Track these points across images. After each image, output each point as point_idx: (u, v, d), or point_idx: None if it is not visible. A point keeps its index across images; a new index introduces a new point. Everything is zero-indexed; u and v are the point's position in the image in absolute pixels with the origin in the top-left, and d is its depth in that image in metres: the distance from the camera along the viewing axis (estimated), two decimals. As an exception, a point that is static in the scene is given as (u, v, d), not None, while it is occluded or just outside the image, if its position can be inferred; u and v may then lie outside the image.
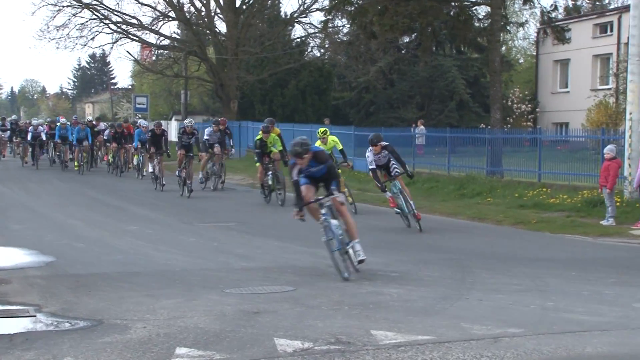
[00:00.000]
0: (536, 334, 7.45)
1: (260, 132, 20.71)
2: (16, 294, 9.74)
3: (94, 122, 34.79)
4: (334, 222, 10.41)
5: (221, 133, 24.42)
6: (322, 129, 19.41)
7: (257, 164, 20.90)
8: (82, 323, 8.08)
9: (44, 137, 33.33)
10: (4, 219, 17.28)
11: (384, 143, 15.63)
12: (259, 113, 43.23)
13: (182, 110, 47.27)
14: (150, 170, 25.37)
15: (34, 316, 8.57)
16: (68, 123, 33.56)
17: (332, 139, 19.12)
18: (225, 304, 8.83)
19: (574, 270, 11.39)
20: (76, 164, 30.93)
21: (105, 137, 32.94)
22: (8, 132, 38.05)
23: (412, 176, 16.27)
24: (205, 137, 24.37)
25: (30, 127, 34.14)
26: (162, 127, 25.81)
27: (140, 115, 43.69)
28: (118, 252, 12.96)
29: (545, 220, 16.99)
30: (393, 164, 15.54)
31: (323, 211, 10.48)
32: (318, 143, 17.99)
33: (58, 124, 33.69)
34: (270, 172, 20.53)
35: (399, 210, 15.77)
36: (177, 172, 22.85)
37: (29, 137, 33.50)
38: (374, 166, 15.62)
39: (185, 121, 24.89)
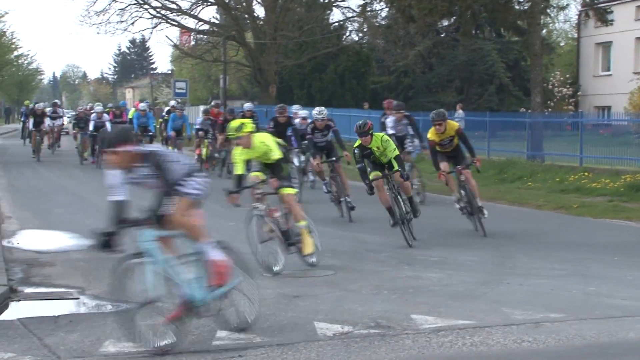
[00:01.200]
0: (578, 319, 7.40)
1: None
2: (60, 276, 9.91)
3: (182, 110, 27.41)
4: None
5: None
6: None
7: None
8: (124, 306, 8.16)
9: (109, 127, 25.52)
10: (47, 202, 17.51)
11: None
12: (298, 98, 43.20)
13: (221, 95, 47.42)
14: None
15: (78, 298, 8.70)
16: (147, 109, 27.16)
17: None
18: (264, 287, 8.86)
19: (616, 255, 11.26)
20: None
21: (198, 127, 25.64)
22: (61, 120, 32.22)
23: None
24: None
25: (93, 115, 27.16)
26: (287, 114, 18.49)
27: (180, 100, 43.83)
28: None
29: (587, 204, 16.80)
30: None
31: None
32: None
33: (132, 110, 27.45)
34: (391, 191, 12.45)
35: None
36: (324, 186, 16.18)
37: (90, 127, 26.58)
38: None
39: (314, 112, 15.96)
